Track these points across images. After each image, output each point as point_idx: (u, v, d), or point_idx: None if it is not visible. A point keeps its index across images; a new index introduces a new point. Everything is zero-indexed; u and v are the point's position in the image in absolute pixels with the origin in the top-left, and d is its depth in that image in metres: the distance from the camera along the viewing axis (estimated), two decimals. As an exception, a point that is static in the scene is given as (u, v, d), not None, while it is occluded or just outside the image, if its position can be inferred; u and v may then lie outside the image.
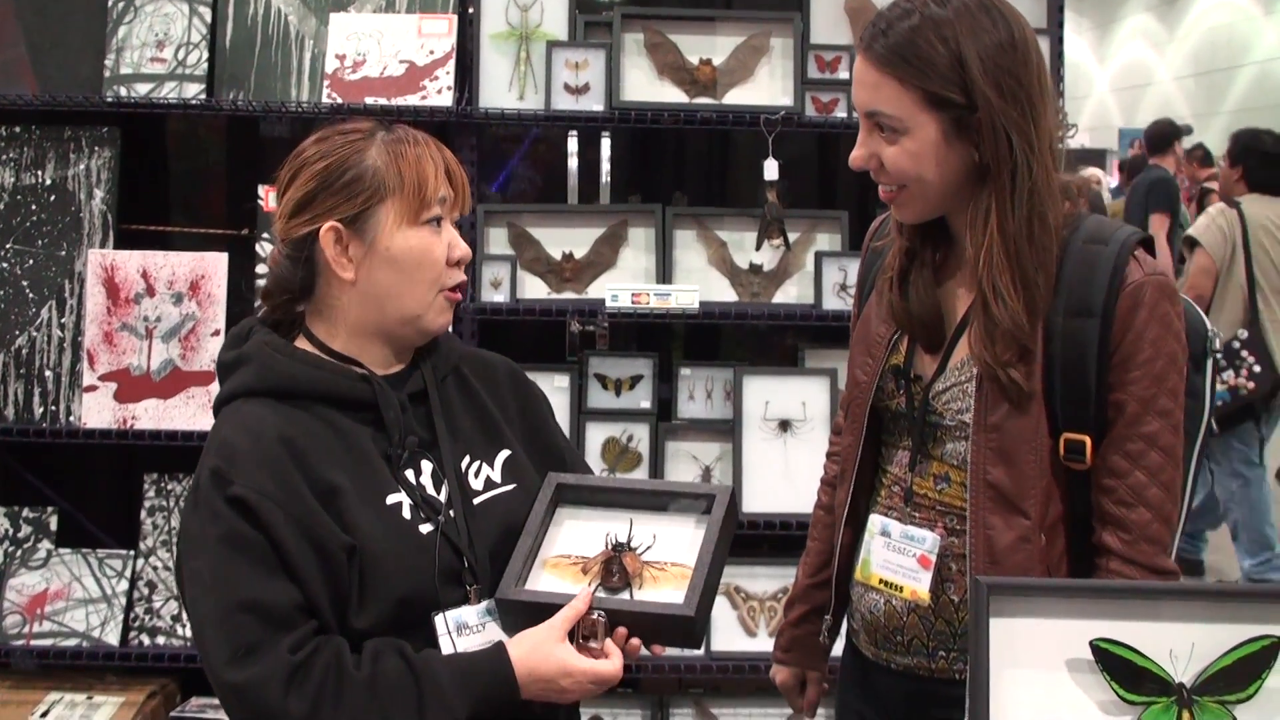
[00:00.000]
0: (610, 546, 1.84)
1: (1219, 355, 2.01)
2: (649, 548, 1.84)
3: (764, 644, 3.34)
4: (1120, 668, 1.47)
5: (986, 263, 1.84)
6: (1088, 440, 1.84)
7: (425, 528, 1.76)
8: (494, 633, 1.77)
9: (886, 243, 2.06)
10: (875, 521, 2.01)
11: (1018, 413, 1.85)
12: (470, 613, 1.76)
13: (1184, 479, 1.91)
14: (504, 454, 1.89)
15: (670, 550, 1.83)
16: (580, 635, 1.73)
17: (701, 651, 3.32)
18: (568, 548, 1.86)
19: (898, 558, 1.97)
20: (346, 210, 1.74)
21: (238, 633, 1.61)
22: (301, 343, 1.82)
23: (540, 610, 1.76)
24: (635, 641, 1.77)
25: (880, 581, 1.99)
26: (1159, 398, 1.82)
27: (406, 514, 1.75)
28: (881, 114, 1.84)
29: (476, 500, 1.83)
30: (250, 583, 1.63)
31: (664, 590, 1.79)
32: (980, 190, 1.85)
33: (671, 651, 3.29)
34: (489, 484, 1.86)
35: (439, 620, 1.73)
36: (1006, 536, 1.86)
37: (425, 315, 1.79)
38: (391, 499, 1.75)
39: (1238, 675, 1.47)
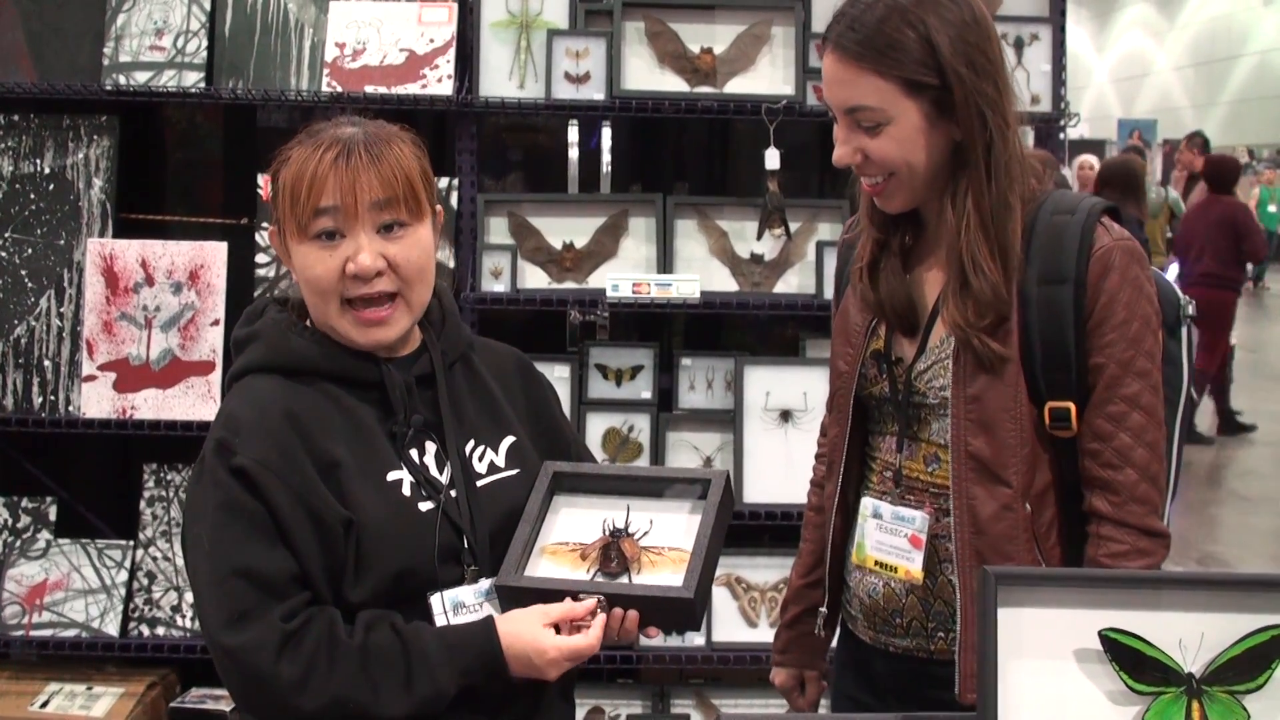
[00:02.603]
0: (608, 532, 1.84)
1: (1192, 321, 2.03)
2: (646, 533, 1.84)
3: (765, 634, 3.34)
4: (1129, 658, 1.46)
5: (966, 237, 1.87)
6: (1072, 407, 1.87)
7: (425, 505, 1.77)
8: (489, 613, 1.78)
9: (857, 234, 2.08)
10: (867, 504, 2.03)
11: (995, 382, 1.87)
12: (467, 593, 1.78)
13: (1168, 444, 1.92)
14: (509, 440, 1.90)
15: (667, 535, 1.84)
16: (569, 629, 1.75)
17: (702, 642, 3.32)
18: (566, 535, 1.87)
19: (890, 538, 1.98)
20: (275, 219, 1.80)
21: (232, 598, 1.65)
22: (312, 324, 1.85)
23: (539, 596, 1.78)
24: (633, 614, 1.77)
25: (875, 563, 2.00)
26: (1136, 359, 1.85)
27: (406, 491, 1.77)
28: (863, 108, 1.86)
29: (479, 483, 1.84)
30: (247, 550, 1.66)
31: (662, 574, 1.80)
32: (958, 169, 1.88)
33: (672, 641, 3.32)
34: (492, 468, 1.87)
35: (435, 600, 1.75)
36: (989, 506, 1.88)
37: (339, 329, 1.78)
38: (392, 475, 1.77)
39: (1247, 665, 1.46)
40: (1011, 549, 1.87)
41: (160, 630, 3.31)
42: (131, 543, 3.37)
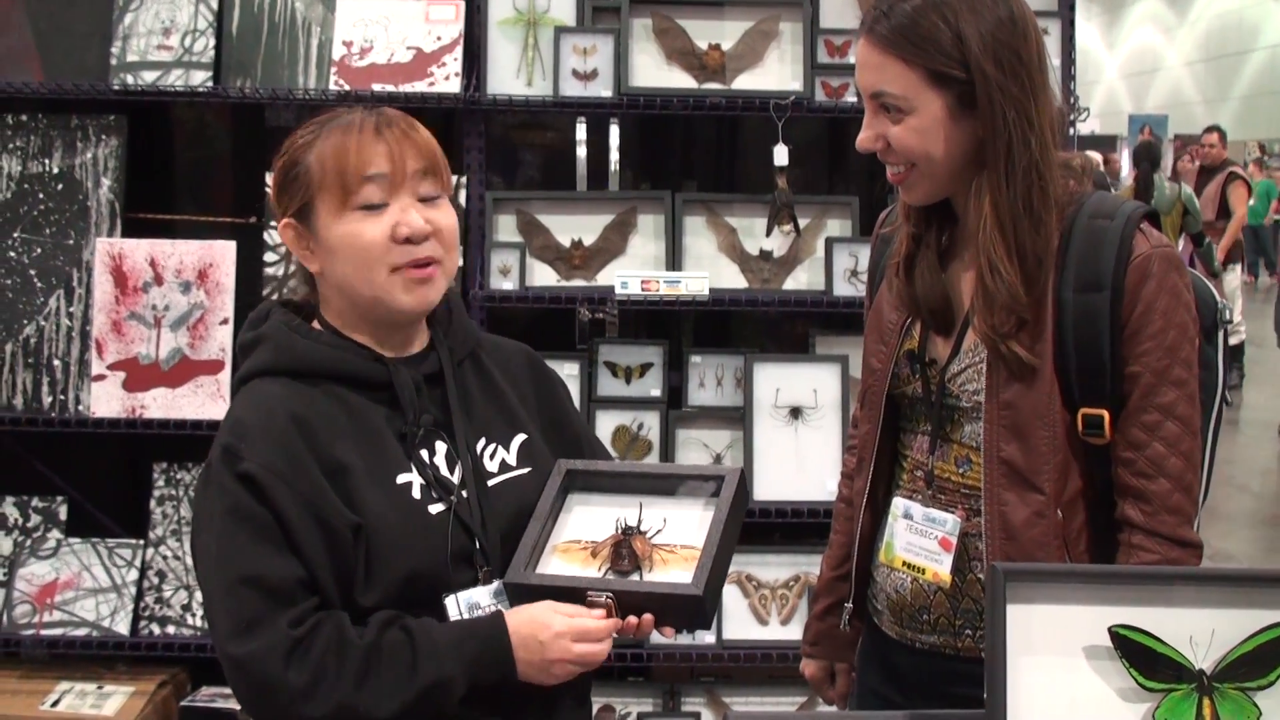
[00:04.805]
0: (619, 530, 1.83)
1: (1229, 325, 2.01)
2: (659, 531, 1.83)
3: (775, 632, 3.33)
4: (1139, 654, 1.45)
5: (983, 237, 1.86)
6: (1106, 414, 1.85)
7: (435, 508, 1.76)
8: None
9: (894, 229, 2.07)
10: (898, 504, 2.01)
11: (1028, 388, 1.86)
12: (482, 593, 1.77)
13: (1202, 450, 1.90)
14: (520, 438, 1.89)
15: (680, 533, 1.83)
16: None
17: (713, 639, 3.31)
18: (578, 533, 1.85)
19: (920, 540, 1.97)
20: (294, 207, 1.77)
21: (241, 606, 1.63)
22: (318, 325, 1.83)
23: (549, 594, 1.76)
24: (648, 617, 1.76)
25: (903, 564, 1.99)
26: (1173, 368, 1.83)
27: (416, 493, 1.76)
28: (887, 94, 1.86)
29: (490, 482, 1.83)
30: (254, 558, 1.65)
31: (672, 572, 1.78)
32: (980, 167, 1.87)
33: (683, 640, 3.31)
34: (504, 466, 1.86)
35: (450, 601, 1.74)
36: (1021, 512, 1.87)
37: (385, 298, 1.76)
38: (401, 478, 1.75)
39: (1259, 662, 1.44)
40: (1042, 556, 1.86)
41: (171, 629, 3.31)
42: (141, 541, 3.37)
